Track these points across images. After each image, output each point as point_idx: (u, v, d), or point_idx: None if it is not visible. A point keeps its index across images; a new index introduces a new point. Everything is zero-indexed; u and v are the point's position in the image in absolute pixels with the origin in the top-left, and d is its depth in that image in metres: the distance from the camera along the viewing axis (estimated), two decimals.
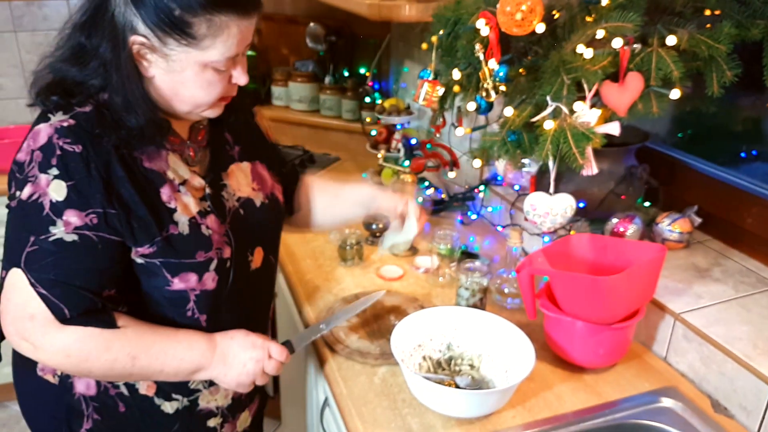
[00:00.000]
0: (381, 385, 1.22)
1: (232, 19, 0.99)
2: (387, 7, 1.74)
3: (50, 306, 0.98)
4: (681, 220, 1.46)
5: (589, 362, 1.26)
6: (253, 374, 1.15)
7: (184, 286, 1.10)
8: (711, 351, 1.19)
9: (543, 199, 1.32)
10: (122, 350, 1.04)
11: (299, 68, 2.86)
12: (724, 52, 1.20)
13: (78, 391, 1.13)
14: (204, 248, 1.10)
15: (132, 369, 1.06)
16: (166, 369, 1.08)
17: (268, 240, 1.30)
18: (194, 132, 1.17)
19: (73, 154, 0.98)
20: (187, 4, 0.95)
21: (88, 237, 0.99)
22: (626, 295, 1.18)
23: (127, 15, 0.96)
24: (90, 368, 1.04)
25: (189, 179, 1.12)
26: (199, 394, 1.20)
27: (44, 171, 0.97)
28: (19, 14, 2.74)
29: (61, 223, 0.98)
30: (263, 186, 1.28)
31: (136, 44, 0.97)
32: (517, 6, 1.30)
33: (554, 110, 1.25)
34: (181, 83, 1.02)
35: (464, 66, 1.51)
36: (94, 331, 1.02)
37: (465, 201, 2.05)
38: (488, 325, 1.27)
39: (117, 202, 1.01)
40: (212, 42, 0.99)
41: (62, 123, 0.99)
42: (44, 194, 0.97)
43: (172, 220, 1.07)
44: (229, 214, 1.17)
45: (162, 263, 1.07)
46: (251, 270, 1.22)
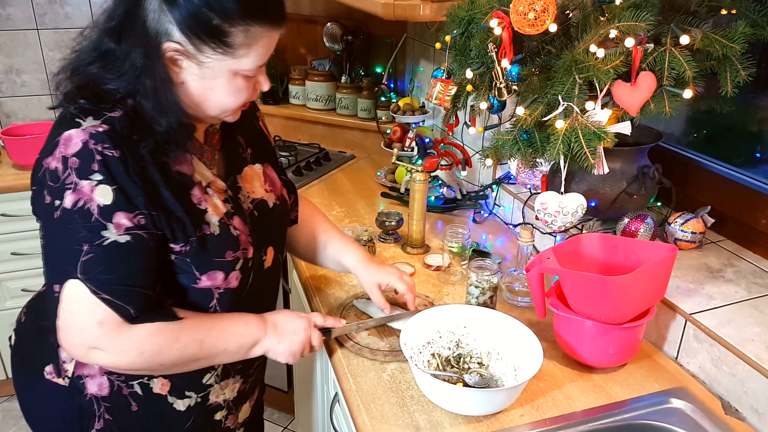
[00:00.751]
0: (390, 382, 1.23)
1: (267, 30, 1.02)
2: (402, 7, 1.75)
3: (116, 309, 1.00)
4: (693, 221, 1.45)
5: (599, 362, 1.26)
6: (304, 342, 1.23)
7: (211, 284, 1.12)
8: (722, 352, 1.19)
9: (554, 198, 1.32)
10: (189, 337, 1.08)
11: (316, 67, 2.88)
12: (738, 51, 1.19)
13: (90, 392, 1.14)
14: (233, 248, 1.13)
15: (200, 353, 1.10)
16: (229, 347, 1.14)
17: (278, 239, 1.33)
18: (209, 136, 1.19)
19: (113, 158, 0.98)
20: (226, 13, 0.97)
21: (140, 236, 1.01)
22: (636, 295, 1.17)
23: (162, 21, 0.97)
24: (162, 360, 1.07)
25: (213, 181, 1.15)
26: (210, 389, 1.22)
27: (85, 177, 0.97)
28: (42, 12, 2.78)
29: (112, 226, 0.99)
30: (274, 187, 1.31)
31: (170, 50, 0.99)
32: (530, 6, 1.30)
33: (565, 109, 1.25)
34: (211, 89, 1.04)
35: (477, 65, 1.51)
36: (161, 325, 1.06)
37: (478, 199, 2.05)
38: (497, 324, 1.27)
39: (157, 204, 1.03)
40: (247, 51, 1.02)
41: (96, 128, 0.98)
42: (90, 200, 0.97)
43: (204, 220, 1.10)
44: (247, 216, 1.20)
45: (192, 262, 1.09)
46: (264, 269, 1.25)
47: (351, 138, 2.77)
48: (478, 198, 2.05)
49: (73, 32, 2.67)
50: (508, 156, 1.45)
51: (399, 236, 1.87)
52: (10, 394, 2.79)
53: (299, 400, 2.16)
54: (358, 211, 2.08)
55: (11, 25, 2.76)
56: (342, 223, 1.97)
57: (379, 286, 1.37)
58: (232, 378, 1.26)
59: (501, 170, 2.00)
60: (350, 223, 1.98)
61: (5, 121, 2.86)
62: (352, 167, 2.56)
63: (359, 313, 1.46)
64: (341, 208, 2.12)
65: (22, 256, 2.54)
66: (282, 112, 2.89)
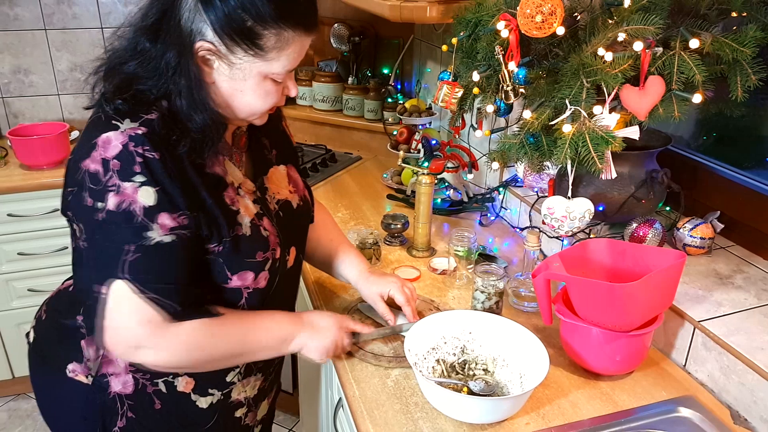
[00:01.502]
0: (394, 388, 1.22)
1: (298, 35, 1.03)
2: (408, 9, 1.74)
3: (163, 307, 1.02)
4: (702, 226, 1.44)
5: (606, 369, 1.24)
6: (336, 340, 1.25)
7: (241, 284, 1.13)
8: (731, 361, 1.17)
9: (561, 202, 1.31)
10: (234, 331, 1.11)
11: (323, 68, 2.87)
12: (748, 55, 1.18)
13: (114, 390, 1.15)
14: (263, 248, 1.15)
15: (244, 348, 1.13)
16: (270, 342, 1.17)
17: (301, 239, 1.35)
18: (236, 138, 1.20)
19: (154, 160, 0.99)
20: (260, 16, 0.97)
21: (184, 235, 1.03)
22: (644, 302, 1.16)
23: (196, 21, 0.98)
24: (208, 356, 1.10)
25: (243, 182, 1.16)
26: (233, 386, 1.23)
27: (128, 179, 0.98)
28: (49, 12, 2.79)
29: (157, 226, 1.00)
30: (297, 188, 1.33)
31: (202, 50, 0.99)
32: (537, 8, 1.29)
33: (573, 113, 1.24)
34: (241, 91, 1.05)
35: (484, 68, 1.50)
36: (207, 321, 1.08)
37: (484, 202, 2.04)
38: (503, 330, 1.26)
39: (196, 205, 1.04)
40: (278, 55, 1.02)
41: (136, 131, 0.99)
42: (134, 201, 0.98)
43: (237, 221, 1.11)
44: (273, 216, 1.22)
45: (224, 262, 1.10)
46: (287, 269, 1.26)
47: (358, 139, 2.76)
48: (485, 201, 2.04)
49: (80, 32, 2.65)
50: (515, 159, 1.44)
51: (405, 239, 1.86)
52: (15, 393, 2.80)
53: (304, 402, 2.15)
54: (364, 213, 2.07)
55: (19, 25, 2.76)
56: (347, 226, 1.96)
57: (381, 296, 1.38)
58: (254, 376, 1.28)
59: (508, 173, 1.98)
60: (356, 225, 1.97)
61: (13, 121, 2.86)
62: (358, 169, 2.55)
63: (363, 318, 1.45)
64: (347, 210, 2.11)
65: (28, 256, 2.54)
66: (289, 113, 2.87)
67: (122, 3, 2.86)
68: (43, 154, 2.49)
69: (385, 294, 1.38)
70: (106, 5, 2.85)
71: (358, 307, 1.49)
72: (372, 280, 1.40)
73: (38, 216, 2.49)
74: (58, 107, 2.93)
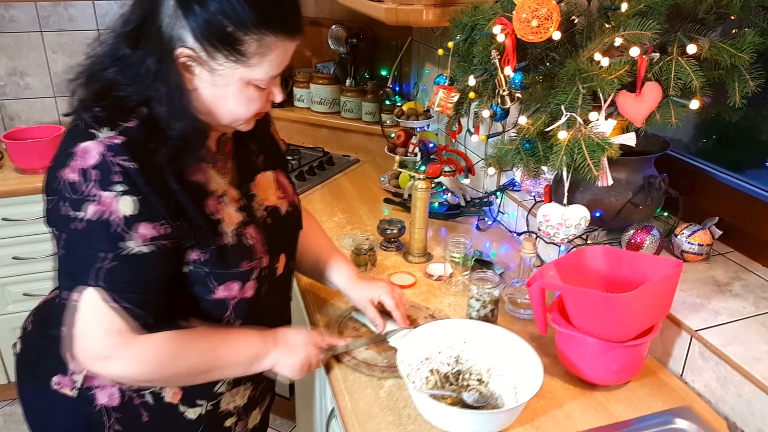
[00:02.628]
0: (387, 399, 1.20)
1: (281, 40, 1.01)
2: (404, 12, 1.72)
3: (135, 316, 1.00)
4: (700, 232, 1.42)
5: (601, 379, 1.23)
6: (309, 356, 1.22)
7: (227, 294, 1.12)
8: (728, 371, 1.15)
9: (556, 210, 1.29)
10: (204, 345, 1.09)
11: (321, 70, 2.85)
12: (747, 61, 1.16)
13: (100, 403, 1.13)
14: (248, 258, 1.13)
15: (214, 362, 1.10)
16: (240, 358, 1.14)
17: (290, 246, 1.33)
18: (221, 144, 1.18)
19: (133, 169, 0.97)
20: (241, 21, 0.96)
21: (164, 245, 1.01)
22: (640, 312, 1.14)
23: (177, 27, 0.96)
24: (178, 369, 1.07)
25: (227, 190, 1.14)
26: (221, 397, 1.22)
27: (106, 188, 0.96)
28: (45, 14, 2.77)
29: (136, 236, 0.98)
30: (286, 194, 1.31)
31: (183, 56, 0.98)
32: (533, 13, 1.27)
33: (568, 120, 1.22)
34: (223, 98, 1.03)
35: (480, 72, 1.48)
36: (178, 333, 1.06)
37: (482, 206, 2.02)
38: (498, 340, 1.24)
39: (178, 214, 1.03)
40: (260, 61, 1.00)
41: (113, 140, 0.97)
42: (113, 211, 0.97)
43: (219, 231, 1.09)
44: (260, 224, 1.20)
45: (209, 272, 1.09)
46: (276, 276, 1.24)
47: (356, 142, 2.75)
48: (483, 205, 2.02)
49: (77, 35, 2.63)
50: (511, 166, 1.43)
51: (401, 244, 1.84)
52: (11, 398, 2.78)
53: (300, 408, 2.14)
54: (361, 218, 2.06)
55: (15, 27, 2.74)
56: (344, 230, 1.95)
57: (371, 301, 1.37)
58: (243, 385, 1.26)
59: (505, 177, 1.96)
60: (352, 230, 1.95)
61: (8, 124, 2.85)
62: (355, 172, 2.53)
63: (357, 326, 1.44)
64: (344, 214, 2.09)
65: (23, 260, 2.53)
66: (286, 115, 2.86)
67: (118, 5, 2.85)
68: (38, 157, 2.47)
69: (375, 299, 1.37)
70: (103, 7, 2.84)
71: (352, 315, 1.47)
72: (361, 285, 1.39)
73: (33, 220, 2.48)
74: (54, 110, 2.92)
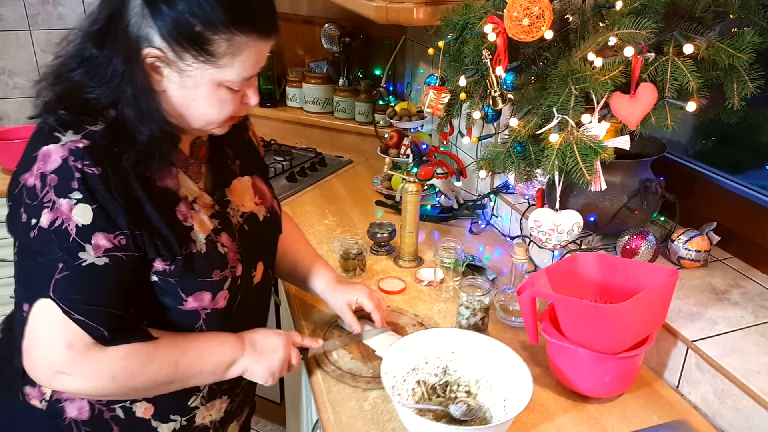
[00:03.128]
0: (371, 412, 1.16)
1: (253, 40, 0.96)
2: (394, 10, 1.68)
3: (89, 330, 0.96)
4: (698, 238, 1.37)
5: (594, 391, 1.18)
6: (283, 360, 1.18)
7: (197, 305, 1.07)
8: (725, 384, 1.11)
9: (548, 215, 1.25)
10: (163, 359, 1.04)
11: (313, 69, 2.80)
12: (745, 61, 1.11)
13: (69, 416, 1.09)
14: (220, 267, 1.08)
15: (175, 375, 1.05)
16: (205, 367, 1.09)
17: (269, 254, 1.28)
18: (195, 148, 1.13)
19: (94, 176, 0.93)
20: (209, 21, 0.92)
21: (119, 258, 0.96)
22: (633, 323, 1.10)
23: (143, 26, 0.92)
24: (134, 385, 1.03)
25: (199, 196, 1.10)
26: (196, 411, 1.17)
27: (64, 195, 0.92)
28: (34, 13, 2.73)
29: (90, 247, 0.94)
30: (264, 200, 1.26)
31: (150, 57, 0.94)
32: (524, 11, 1.23)
33: (560, 122, 1.17)
34: (194, 100, 0.99)
35: (471, 72, 1.44)
36: (135, 347, 1.01)
37: (475, 209, 1.98)
38: (487, 350, 1.20)
39: (140, 222, 0.98)
40: (230, 61, 0.96)
41: (76, 144, 0.93)
42: (68, 219, 0.92)
43: (190, 238, 1.04)
44: (236, 231, 1.15)
45: (178, 282, 1.04)
46: (253, 285, 1.20)
47: (349, 142, 2.70)
48: (476, 208, 1.98)
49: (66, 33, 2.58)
50: (502, 169, 1.38)
51: (392, 248, 1.80)
52: None
53: (290, 415, 2.09)
54: (352, 221, 2.01)
55: (3, 26, 2.71)
56: (333, 234, 1.90)
57: (349, 305, 1.34)
58: (219, 399, 1.21)
59: (499, 179, 1.92)
60: (342, 233, 1.91)
61: None
62: (348, 173, 2.49)
63: (343, 333, 1.39)
64: (334, 216, 2.05)
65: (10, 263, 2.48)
66: (279, 115, 2.82)
67: None
68: None
69: (353, 302, 1.34)
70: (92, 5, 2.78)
71: (338, 322, 1.42)
72: (339, 289, 1.36)
73: None
74: None
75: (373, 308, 1.33)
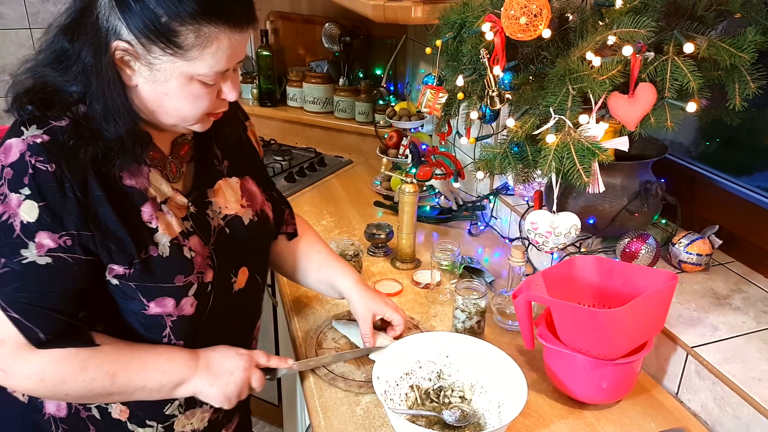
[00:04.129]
0: (363, 417, 1.14)
1: (223, 32, 0.93)
2: (392, 9, 1.66)
3: (23, 330, 0.94)
4: (699, 242, 1.35)
5: (591, 398, 1.16)
6: (241, 384, 1.11)
7: (161, 311, 1.04)
8: (726, 392, 1.08)
9: (545, 217, 1.22)
10: (100, 369, 0.99)
11: (314, 69, 2.78)
12: (747, 61, 1.09)
13: (48, 412, 1.08)
14: (184, 272, 1.04)
15: (112, 387, 1.01)
16: (148, 384, 1.03)
17: (255, 259, 1.22)
18: (177, 146, 1.10)
19: (46, 173, 0.91)
20: (175, 11, 0.89)
21: (63, 259, 0.94)
22: (630, 328, 1.07)
23: (111, 19, 0.90)
24: (66, 391, 0.99)
25: (171, 197, 1.06)
26: (174, 419, 1.14)
27: (15, 190, 0.91)
28: (34, 11, 2.73)
29: (33, 245, 0.92)
30: (253, 202, 1.21)
31: (119, 50, 0.91)
32: (522, 10, 1.20)
33: (557, 123, 1.15)
34: (165, 94, 0.96)
35: (469, 72, 1.41)
36: (70, 352, 0.97)
37: (474, 210, 1.95)
38: (482, 355, 1.18)
39: (93, 223, 0.95)
40: (200, 53, 0.93)
41: (35, 139, 0.92)
42: (15, 215, 0.91)
43: (152, 240, 1.01)
44: (214, 234, 1.11)
45: (137, 287, 1.01)
46: (234, 291, 1.15)
47: (349, 142, 2.68)
48: (475, 209, 1.96)
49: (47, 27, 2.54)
50: (499, 171, 1.36)
51: (389, 249, 1.78)
52: None
53: (287, 417, 2.08)
54: (350, 222, 1.99)
55: (3, 25, 2.70)
56: (330, 235, 1.88)
57: (374, 315, 1.28)
58: (200, 407, 1.17)
59: (499, 180, 1.90)
60: (339, 234, 1.89)
61: None
62: (347, 173, 2.46)
63: (337, 336, 1.37)
64: (332, 217, 2.02)
65: None
66: (279, 115, 2.80)
67: None
68: None
69: (379, 315, 1.29)
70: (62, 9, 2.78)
71: (332, 325, 1.40)
72: (368, 296, 1.30)
73: None
74: None
75: (401, 323, 1.29)
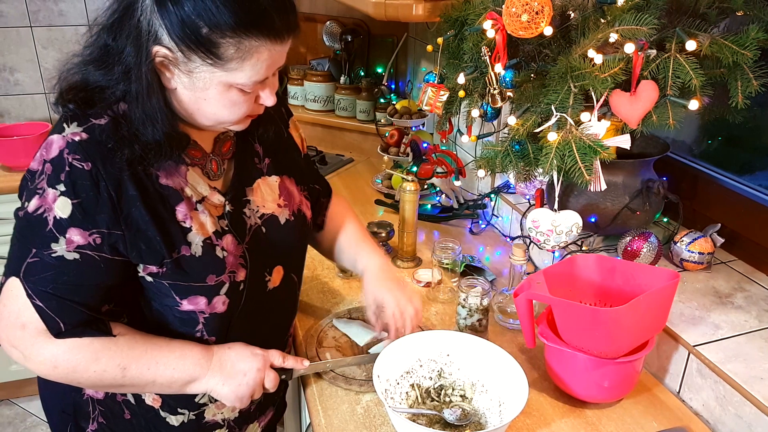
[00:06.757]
0: (363, 416, 1.14)
1: (263, 44, 0.92)
2: (393, 7, 1.65)
3: (45, 318, 0.96)
4: (701, 240, 1.34)
5: (592, 397, 1.15)
6: (254, 385, 1.10)
7: (194, 308, 1.05)
8: (728, 390, 1.08)
9: (546, 215, 1.22)
10: (112, 361, 1.01)
11: (315, 67, 2.78)
12: (750, 58, 1.08)
13: (87, 393, 1.12)
14: (216, 271, 1.05)
15: (123, 380, 1.02)
16: (158, 380, 1.04)
17: (291, 258, 1.23)
18: (219, 144, 1.10)
19: (82, 171, 0.93)
20: (216, 24, 0.88)
21: (90, 256, 0.96)
22: (632, 327, 1.07)
23: (153, 23, 0.90)
24: (78, 379, 1.02)
25: (208, 196, 1.06)
26: (205, 408, 1.16)
27: (52, 185, 0.94)
28: (35, 9, 2.71)
29: (64, 240, 0.94)
30: (290, 202, 1.20)
31: (159, 55, 0.91)
32: (523, 7, 1.20)
33: (559, 120, 1.15)
34: (204, 100, 0.96)
35: (470, 70, 1.41)
36: (84, 342, 0.99)
37: (476, 209, 1.95)
38: (483, 353, 1.17)
39: (125, 222, 0.97)
40: (240, 65, 0.92)
41: (74, 137, 0.94)
42: (50, 209, 0.94)
43: (185, 240, 1.02)
44: (249, 233, 1.11)
45: (171, 285, 1.02)
46: (268, 290, 1.15)
47: (350, 141, 2.68)
48: (476, 207, 1.95)
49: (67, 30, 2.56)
50: (500, 169, 1.35)
51: (390, 248, 1.78)
52: None
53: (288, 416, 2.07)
54: None
55: (4, 23, 2.69)
56: None
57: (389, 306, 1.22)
58: None
59: (500, 178, 1.89)
60: None
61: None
62: (349, 171, 2.46)
63: (338, 335, 1.37)
64: None
65: None
66: None
67: None
68: (24, 154, 2.41)
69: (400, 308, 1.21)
70: (93, 2, 2.77)
71: (333, 323, 1.40)
72: (391, 285, 1.24)
73: None
74: (44, 106, 2.86)
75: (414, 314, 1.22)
